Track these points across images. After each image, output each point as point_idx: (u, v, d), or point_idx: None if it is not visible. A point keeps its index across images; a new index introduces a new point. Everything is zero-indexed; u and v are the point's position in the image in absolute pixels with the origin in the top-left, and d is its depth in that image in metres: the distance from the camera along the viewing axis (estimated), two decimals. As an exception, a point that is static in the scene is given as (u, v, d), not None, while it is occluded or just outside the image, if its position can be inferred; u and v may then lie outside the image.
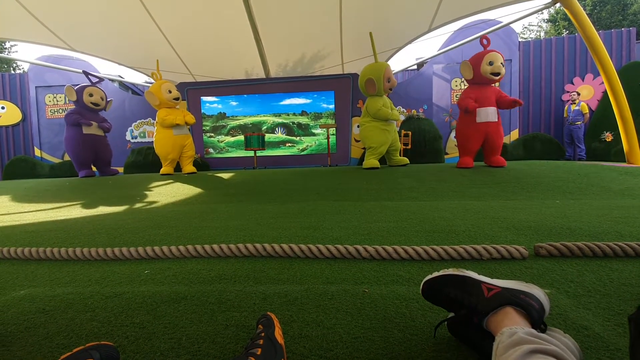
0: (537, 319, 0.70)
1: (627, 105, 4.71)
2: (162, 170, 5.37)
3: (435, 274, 0.85)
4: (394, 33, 6.54)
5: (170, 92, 5.30)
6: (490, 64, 4.22)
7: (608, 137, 7.64)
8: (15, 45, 21.14)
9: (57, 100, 9.10)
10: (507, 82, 8.35)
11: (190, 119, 5.47)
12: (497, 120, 4.30)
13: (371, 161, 4.73)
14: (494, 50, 4.34)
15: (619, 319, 0.90)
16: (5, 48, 20.61)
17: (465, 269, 0.85)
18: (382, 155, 4.88)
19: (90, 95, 5.43)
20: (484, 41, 4.44)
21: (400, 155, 5.13)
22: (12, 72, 17.50)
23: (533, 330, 0.63)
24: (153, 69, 5.66)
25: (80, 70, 6.36)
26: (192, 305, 1.05)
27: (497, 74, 4.22)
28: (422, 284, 0.86)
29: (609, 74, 4.54)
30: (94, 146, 5.51)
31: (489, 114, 4.25)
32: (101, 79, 5.96)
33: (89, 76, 5.70)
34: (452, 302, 0.80)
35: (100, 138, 5.62)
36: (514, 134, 8.59)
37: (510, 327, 0.65)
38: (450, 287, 0.81)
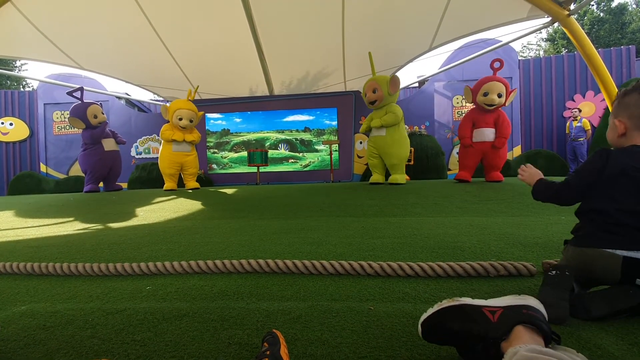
0: (547, 330, 0.70)
1: (629, 122, 4.73)
2: (166, 186, 5.37)
3: (430, 310, 0.79)
4: (395, 52, 6.67)
5: (180, 119, 5.23)
6: (485, 94, 4.32)
7: (611, 153, 7.62)
8: (25, 63, 21.74)
9: (65, 117, 9.27)
10: (508, 98, 8.44)
11: (190, 137, 5.35)
12: (494, 140, 4.39)
13: (377, 176, 4.76)
14: (497, 78, 4.35)
15: (633, 338, 0.87)
16: (16, 66, 21.18)
17: (459, 297, 0.81)
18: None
19: (95, 117, 5.40)
20: (495, 64, 4.43)
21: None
22: (22, 89, 17.90)
23: (536, 346, 0.63)
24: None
25: (86, 88, 6.41)
26: (194, 323, 1.03)
27: (491, 105, 4.31)
28: (419, 325, 0.79)
29: (610, 92, 4.57)
30: (110, 162, 5.62)
31: (484, 134, 4.41)
32: (78, 88, 5.60)
33: (73, 94, 5.51)
34: (458, 335, 0.75)
35: (116, 154, 5.73)
36: (517, 150, 8.60)
37: (514, 346, 0.64)
38: (451, 320, 0.76)
